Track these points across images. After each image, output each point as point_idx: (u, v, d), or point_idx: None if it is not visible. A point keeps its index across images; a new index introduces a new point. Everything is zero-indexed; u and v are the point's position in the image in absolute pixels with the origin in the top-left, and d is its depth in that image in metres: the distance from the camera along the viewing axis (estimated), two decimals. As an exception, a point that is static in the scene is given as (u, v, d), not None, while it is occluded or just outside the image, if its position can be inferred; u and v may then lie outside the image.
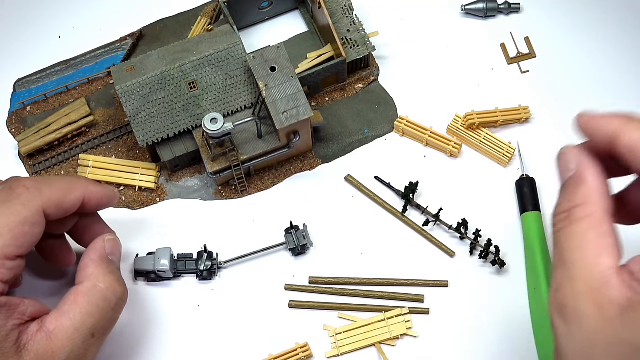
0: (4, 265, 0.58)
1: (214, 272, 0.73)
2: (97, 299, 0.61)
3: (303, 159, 0.79)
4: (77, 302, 0.61)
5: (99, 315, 0.61)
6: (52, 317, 0.60)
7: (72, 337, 0.59)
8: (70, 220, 0.67)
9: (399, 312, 0.71)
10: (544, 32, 0.85)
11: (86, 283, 0.62)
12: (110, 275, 0.63)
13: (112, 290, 0.63)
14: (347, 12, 0.81)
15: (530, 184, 0.75)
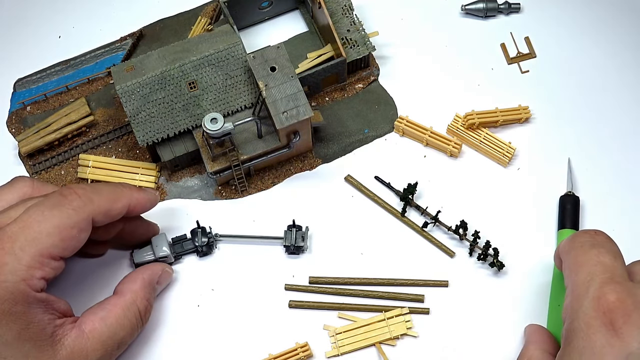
0: (49, 264, 0.60)
1: (212, 245, 0.74)
2: (132, 317, 0.65)
3: (303, 159, 0.79)
4: (114, 312, 0.64)
5: (129, 330, 0.65)
6: (88, 320, 0.63)
7: (105, 342, 0.62)
8: (116, 226, 0.69)
9: (399, 312, 0.71)
10: (544, 32, 0.85)
11: (128, 297, 0.66)
12: (148, 300, 0.68)
13: (143, 314, 0.67)
14: (347, 12, 0.81)
15: (573, 202, 0.74)
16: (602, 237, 0.60)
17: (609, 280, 0.55)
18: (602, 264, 0.56)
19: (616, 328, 0.52)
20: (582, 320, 0.54)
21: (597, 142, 0.79)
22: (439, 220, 0.74)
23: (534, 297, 0.72)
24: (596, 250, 0.58)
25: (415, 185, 0.75)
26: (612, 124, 0.80)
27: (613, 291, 0.54)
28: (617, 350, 0.52)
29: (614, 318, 0.53)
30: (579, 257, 0.58)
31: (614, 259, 0.57)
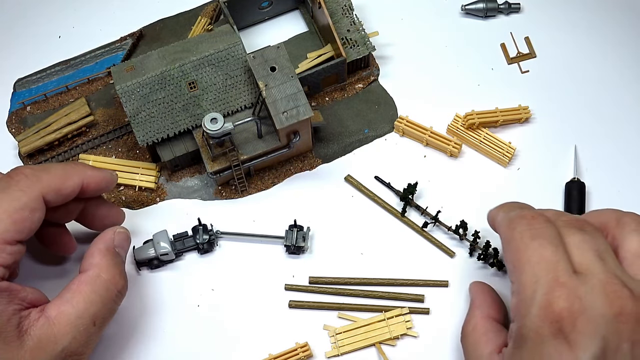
0: (4, 250, 0.59)
1: (213, 242, 0.74)
2: (100, 288, 0.62)
3: (303, 159, 0.79)
4: (80, 290, 0.62)
5: (101, 304, 0.62)
6: (54, 304, 0.61)
7: (74, 323, 0.60)
8: (75, 207, 0.68)
9: (399, 312, 0.71)
10: (544, 32, 0.85)
11: (90, 272, 0.63)
12: (115, 267, 0.64)
13: (114, 282, 0.64)
14: (347, 12, 0.81)
15: (579, 188, 0.74)
16: (539, 223, 0.59)
17: (554, 282, 0.54)
18: (545, 260, 0.56)
19: (565, 335, 0.53)
20: (531, 328, 0.54)
21: (597, 142, 0.79)
22: (439, 220, 0.74)
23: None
24: (537, 242, 0.57)
25: (415, 185, 0.75)
26: (612, 124, 0.80)
27: (559, 298, 0.54)
28: (565, 357, 0.52)
29: (563, 325, 0.53)
30: (521, 253, 0.57)
31: (556, 249, 0.56)
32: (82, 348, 0.61)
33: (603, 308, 0.53)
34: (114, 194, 0.78)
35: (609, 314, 0.53)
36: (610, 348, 0.52)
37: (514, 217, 0.60)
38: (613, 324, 0.53)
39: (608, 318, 0.53)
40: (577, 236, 0.58)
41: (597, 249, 0.57)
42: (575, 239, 0.58)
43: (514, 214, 0.60)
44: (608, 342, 0.52)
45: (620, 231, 0.59)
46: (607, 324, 0.53)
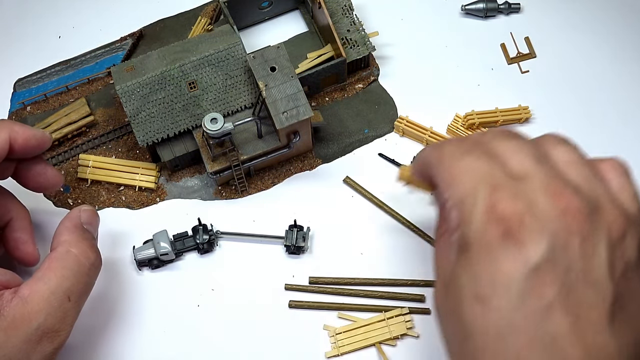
0: None
1: (213, 242, 0.74)
2: (71, 263, 0.62)
3: (303, 159, 0.79)
4: (51, 267, 0.61)
5: (74, 279, 0.62)
6: (26, 284, 0.60)
7: (48, 300, 0.60)
8: (6, 166, 0.68)
9: (399, 312, 0.71)
10: (544, 32, 0.85)
11: (59, 249, 0.63)
12: (84, 242, 0.64)
13: (85, 256, 0.63)
14: (347, 12, 0.81)
15: None
16: (469, 141, 0.58)
17: (495, 186, 0.53)
18: (482, 170, 0.54)
19: (512, 235, 0.50)
20: (476, 231, 0.52)
21: (597, 142, 0.79)
22: None
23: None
24: (469, 157, 0.56)
25: None
26: (613, 124, 0.80)
27: (503, 199, 0.52)
28: (515, 258, 0.50)
29: (509, 226, 0.51)
30: (454, 167, 0.56)
31: (490, 159, 0.55)
32: (59, 324, 0.60)
33: (548, 206, 0.51)
34: (114, 194, 0.78)
35: (555, 211, 0.51)
36: (559, 244, 0.50)
37: (441, 143, 0.59)
38: (560, 220, 0.51)
39: (554, 215, 0.51)
40: (513, 143, 0.57)
41: (534, 154, 0.55)
42: (511, 146, 0.56)
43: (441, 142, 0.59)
44: (557, 238, 0.50)
45: (545, 149, 0.58)
46: (555, 221, 0.51)
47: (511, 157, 0.56)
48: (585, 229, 0.51)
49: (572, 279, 0.50)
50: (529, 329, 0.50)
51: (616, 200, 0.54)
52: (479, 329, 0.51)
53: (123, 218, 0.77)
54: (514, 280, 0.50)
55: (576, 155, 0.57)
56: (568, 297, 0.50)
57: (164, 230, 0.74)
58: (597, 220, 0.52)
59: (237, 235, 0.75)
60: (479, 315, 0.51)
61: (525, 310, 0.50)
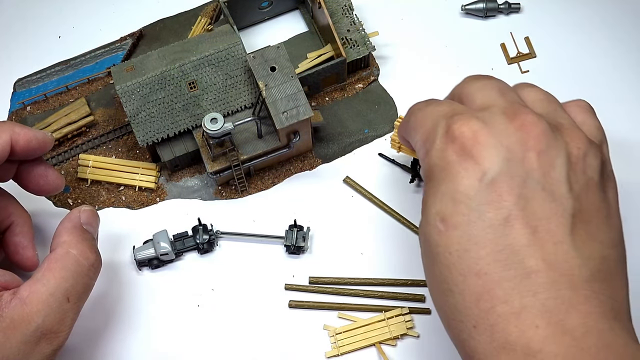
0: None
1: (213, 242, 0.74)
2: (70, 264, 0.62)
3: (303, 159, 0.79)
4: (50, 268, 0.61)
5: (73, 280, 0.61)
6: (26, 285, 0.60)
7: (46, 301, 0.59)
8: (8, 168, 0.68)
9: (399, 312, 0.71)
10: (544, 32, 0.85)
11: (59, 250, 0.63)
12: (83, 243, 0.64)
13: (85, 257, 0.63)
14: (347, 12, 0.81)
15: None
16: (433, 99, 0.61)
17: (452, 115, 0.55)
18: (442, 111, 0.57)
19: (467, 152, 0.53)
20: (436, 156, 0.55)
21: (597, 142, 0.79)
22: None
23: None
24: (432, 105, 0.59)
25: None
26: (613, 124, 0.80)
27: (458, 120, 0.54)
28: (471, 173, 0.52)
29: (464, 143, 0.53)
30: (418, 116, 0.59)
31: (451, 104, 0.58)
32: (58, 326, 0.60)
33: (504, 123, 0.53)
34: (114, 194, 0.78)
35: (511, 127, 0.53)
36: (515, 157, 0.52)
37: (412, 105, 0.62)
38: (516, 135, 0.53)
39: (510, 130, 0.53)
40: (481, 82, 0.59)
41: (499, 88, 0.58)
42: (479, 84, 0.59)
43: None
44: (513, 152, 0.52)
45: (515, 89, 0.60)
46: (510, 135, 0.53)
47: (478, 93, 0.58)
48: (543, 143, 0.52)
49: (530, 190, 0.51)
50: (488, 242, 0.51)
51: (579, 126, 0.56)
52: (443, 248, 0.53)
53: (123, 218, 0.77)
54: (472, 194, 0.52)
55: (544, 95, 0.59)
56: (526, 208, 0.51)
57: (164, 230, 0.74)
58: (556, 137, 0.53)
59: (237, 235, 0.75)
60: (443, 234, 0.53)
61: (484, 224, 0.51)
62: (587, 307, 0.49)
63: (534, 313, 0.49)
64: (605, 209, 0.53)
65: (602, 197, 0.53)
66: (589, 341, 0.48)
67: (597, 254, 0.51)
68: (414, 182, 0.76)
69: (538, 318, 0.49)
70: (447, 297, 0.53)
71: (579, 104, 0.61)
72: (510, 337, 0.49)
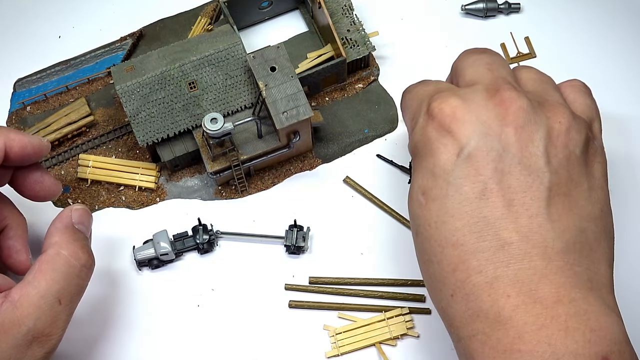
0: None
1: (213, 242, 0.74)
2: (61, 265, 0.61)
3: (303, 159, 0.79)
4: (41, 270, 0.60)
5: (64, 282, 0.61)
6: (17, 288, 0.60)
7: (37, 304, 0.59)
8: (3, 174, 0.67)
9: (399, 312, 0.71)
10: (544, 32, 0.85)
11: (50, 251, 0.62)
12: (75, 243, 0.63)
13: (76, 257, 0.62)
14: (347, 12, 0.81)
15: None
16: (425, 80, 0.63)
17: (435, 95, 0.57)
18: (427, 91, 0.59)
19: (445, 128, 0.54)
20: (418, 133, 0.57)
21: (597, 142, 0.79)
22: None
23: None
24: (420, 85, 0.61)
25: None
26: (613, 124, 0.80)
27: (438, 99, 0.56)
28: (449, 148, 0.54)
29: (442, 119, 0.55)
30: (407, 97, 0.62)
31: (438, 83, 0.61)
32: (49, 328, 0.59)
33: (483, 100, 0.55)
34: (114, 194, 0.78)
35: (490, 104, 0.54)
36: (492, 132, 0.53)
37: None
38: (494, 110, 0.54)
39: (489, 107, 0.54)
40: (474, 56, 0.61)
41: (489, 63, 0.59)
42: (472, 59, 0.61)
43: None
44: (490, 127, 0.53)
45: (513, 69, 0.62)
46: (489, 111, 0.54)
47: (467, 70, 0.60)
48: (521, 118, 0.53)
49: (506, 165, 0.53)
50: (464, 214, 0.53)
51: (566, 104, 0.57)
52: (423, 221, 0.55)
53: (123, 218, 0.77)
54: (449, 169, 0.54)
55: (538, 75, 0.61)
56: (502, 182, 0.52)
57: (164, 230, 0.74)
58: (536, 112, 0.54)
59: (237, 235, 0.75)
60: (423, 207, 0.55)
61: (460, 197, 0.53)
62: (559, 278, 0.50)
63: (506, 283, 0.50)
64: (587, 182, 0.54)
65: (583, 170, 0.54)
66: (560, 309, 0.49)
67: (574, 226, 0.52)
68: None
69: (509, 287, 0.50)
70: (427, 267, 0.56)
71: (572, 83, 0.62)
72: (483, 305, 0.51)
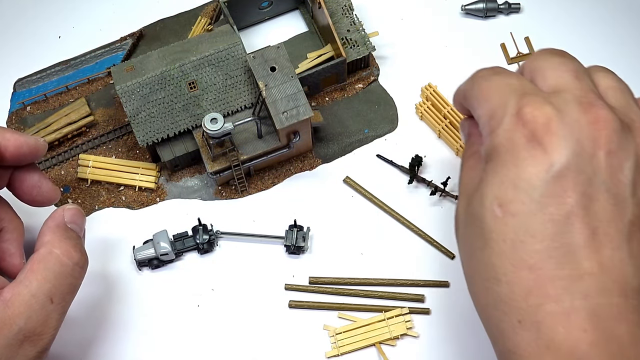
0: None
1: (213, 242, 0.74)
2: (53, 264, 0.60)
3: (303, 159, 0.79)
4: (32, 270, 0.60)
5: (55, 281, 0.60)
6: (9, 287, 0.59)
7: (28, 302, 0.58)
8: (1, 175, 0.67)
9: (399, 312, 0.71)
10: (544, 32, 0.85)
11: (42, 250, 0.61)
12: (67, 241, 0.62)
13: (68, 256, 0.61)
14: (347, 12, 0.81)
15: None
16: (500, 68, 0.58)
17: (523, 95, 0.53)
18: (511, 85, 0.54)
19: (538, 139, 0.50)
20: (503, 136, 0.52)
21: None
22: (445, 191, 0.75)
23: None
24: (499, 76, 0.56)
25: (423, 157, 0.76)
26: (612, 124, 0.80)
27: (530, 103, 0.52)
28: (538, 161, 0.50)
29: (535, 129, 0.51)
30: (484, 86, 0.56)
31: (520, 78, 0.56)
32: (41, 327, 0.59)
33: (577, 114, 0.51)
34: (114, 194, 0.78)
35: (584, 120, 0.51)
36: (585, 153, 0.50)
37: (474, 72, 0.59)
38: (588, 129, 0.50)
39: (583, 123, 0.50)
40: (556, 59, 0.56)
41: (574, 70, 0.55)
42: (554, 61, 0.56)
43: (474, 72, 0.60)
44: (583, 147, 0.50)
45: (589, 71, 0.58)
46: (582, 129, 0.50)
47: (551, 72, 0.55)
48: (614, 143, 0.50)
49: (594, 190, 0.49)
50: (546, 237, 0.49)
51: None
52: (497, 235, 0.51)
53: (123, 218, 0.77)
54: (536, 184, 0.50)
55: (619, 83, 0.57)
56: (588, 208, 0.49)
57: (164, 230, 0.74)
58: (627, 137, 0.51)
59: (237, 235, 0.75)
60: (499, 220, 0.51)
61: (544, 217, 0.49)
62: (636, 317, 0.48)
63: (583, 316, 0.48)
64: None
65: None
66: (635, 351, 0.47)
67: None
68: (413, 183, 0.76)
69: (586, 321, 0.47)
70: (492, 285, 0.51)
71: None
72: (557, 337, 0.48)
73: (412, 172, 0.76)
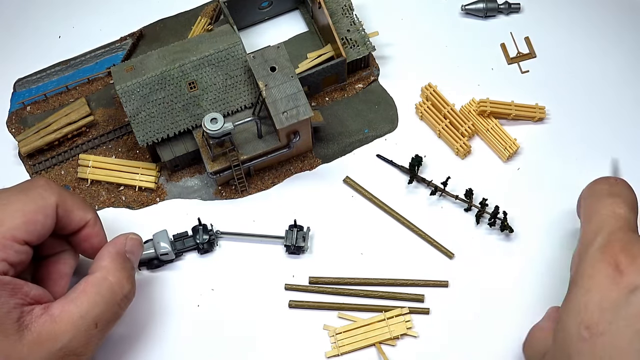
0: (12, 247, 0.60)
1: (213, 242, 0.74)
2: (105, 291, 0.63)
3: (303, 159, 0.79)
4: (85, 291, 0.62)
5: (104, 307, 0.62)
6: (58, 303, 0.61)
7: (76, 323, 0.60)
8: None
9: (399, 312, 0.71)
10: (544, 32, 0.85)
11: (97, 274, 0.64)
12: (122, 271, 0.65)
13: (120, 286, 0.64)
14: (347, 12, 0.81)
15: None
16: (621, 185, 0.60)
17: (618, 230, 0.56)
18: (615, 214, 0.57)
19: (621, 269, 0.53)
20: (588, 264, 0.55)
21: (598, 143, 0.79)
22: (445, 190, 0.75)
23: (533, 299, 0.72)
24: (612, 199, 0.58)
25: (422, 157, 0.76)
26: (614, 124, 0.80)
27: (620, 240, 0.55)
28: (622, 286, 0.53)
29: (619, 260, 0.54)
30: (593, 205, 0.59)
31: (629, 210, 0.58)
32: (82, 348, 0.61)
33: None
34: (114, 194, 0.78)
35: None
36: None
37: (596, 180, 0.61)
38: None
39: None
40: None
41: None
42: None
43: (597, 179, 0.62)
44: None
45: None
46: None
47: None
48: None
49: None
50: (635, 352, 0.52)
51: None
52: (589, 356, 0.53)
53: (123, 218, 0.77)
54: (621, 303, 0.53)
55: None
56: None
57: (164, 230, 0.74)
58: None
59: (237, 235, 0.75)
60: (587, 341, 0.54)
61: (632, 334, 0.52)
62: None
63: None
64: None
65: None
66: None
67: None
68: (413, 183, 0.76)
69: None
70: None
71: None
72: None
73: (412, 172, 0.76)
